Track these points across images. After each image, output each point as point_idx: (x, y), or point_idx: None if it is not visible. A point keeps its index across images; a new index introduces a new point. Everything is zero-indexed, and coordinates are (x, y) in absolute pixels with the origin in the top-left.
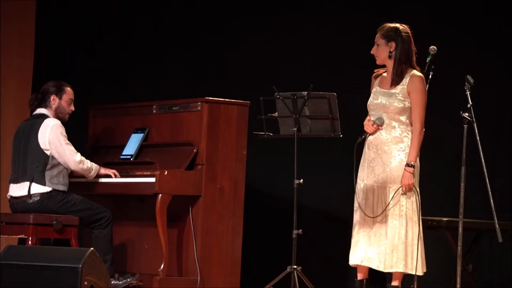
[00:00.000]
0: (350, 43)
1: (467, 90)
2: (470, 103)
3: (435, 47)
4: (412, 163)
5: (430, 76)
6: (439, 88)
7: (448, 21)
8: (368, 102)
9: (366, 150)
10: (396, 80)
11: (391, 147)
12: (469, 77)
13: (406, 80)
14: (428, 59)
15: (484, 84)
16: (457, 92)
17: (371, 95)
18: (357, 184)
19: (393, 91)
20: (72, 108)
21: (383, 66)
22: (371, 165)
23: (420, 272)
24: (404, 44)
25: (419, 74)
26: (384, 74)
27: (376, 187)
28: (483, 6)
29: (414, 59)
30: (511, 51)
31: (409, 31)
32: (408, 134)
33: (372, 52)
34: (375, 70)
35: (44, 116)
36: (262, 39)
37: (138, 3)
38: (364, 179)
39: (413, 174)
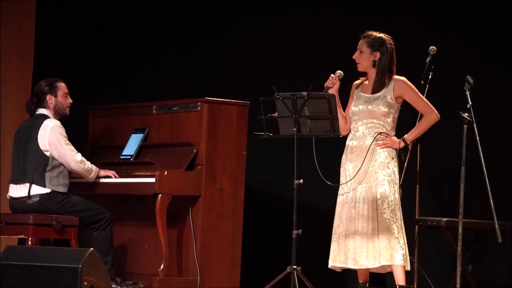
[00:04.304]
0: (350, 44)
1: (467, 90)
2: (470, 103)
3: (434, 48)
4: (408, 141)
5: (430, 76)
6: (439, 88)
7: (447, 21)
8: (352, 109)
9: (347, 155)
10: (378, 89)
11: (376, 147)
12: (468, 77)
13: (391, 85)
14: (428, 59)
15: (484, 84)
16: (457, 92)
17: (353, 101)
18: (345, 189)
19: (378, 94)
20: (70, 100)
21: (364, 73)
22: (356, 169)
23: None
24: (388, 55)
25: (401, 77)
26: (366, 82)
27: (363, 187)
28: (483, 6)
29: (395, 69)
30: (511, 51)
31: (392, 42)
32: (391, 135)
33: (354, 57)
34: (355, 82)
35: (44, 117)
36: (262, 39)
37: (138, 3)
38: (348, 182)
39: (396, 149)
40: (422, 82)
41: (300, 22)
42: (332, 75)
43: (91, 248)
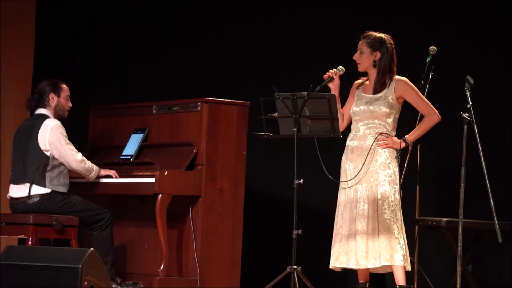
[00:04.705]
0: (350, 44)
1: (467, 90)
2: (470, 103)
3: (435, 48)
4: (409, 142)
5: (430, 77)
6: (439, 88)
7: (448, 21)
8: (353, 110)
9: (348, 155)
10: (379, 89)
11: (377, 147)
12: (469, 77)
13: (392, 86)
14: (428, 59)
15: (484, 84)
16: (457, 92)
17: (354, 101)
18: (346, 189)
19: (379, 94)
20: (70, 104)
21: (365, 73)
22: (356, 169)
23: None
24: (388, 55)
25: (403, 77)
26: (367, 82)
27: (364, 187)
28: (483, 7)
29: (395, 69)
30: (511, 51)
31: (392, 42)
32: (392, 135)
33: (354, 58)
34: (356, 82)
35: (44, 117)
36: (262, 40)
37: (138, 3)
38: (349, 183)
39: (398, 149)
40: (422, 82)
41: (300, 22)
42: (334, 69)
43: (91, 248)
